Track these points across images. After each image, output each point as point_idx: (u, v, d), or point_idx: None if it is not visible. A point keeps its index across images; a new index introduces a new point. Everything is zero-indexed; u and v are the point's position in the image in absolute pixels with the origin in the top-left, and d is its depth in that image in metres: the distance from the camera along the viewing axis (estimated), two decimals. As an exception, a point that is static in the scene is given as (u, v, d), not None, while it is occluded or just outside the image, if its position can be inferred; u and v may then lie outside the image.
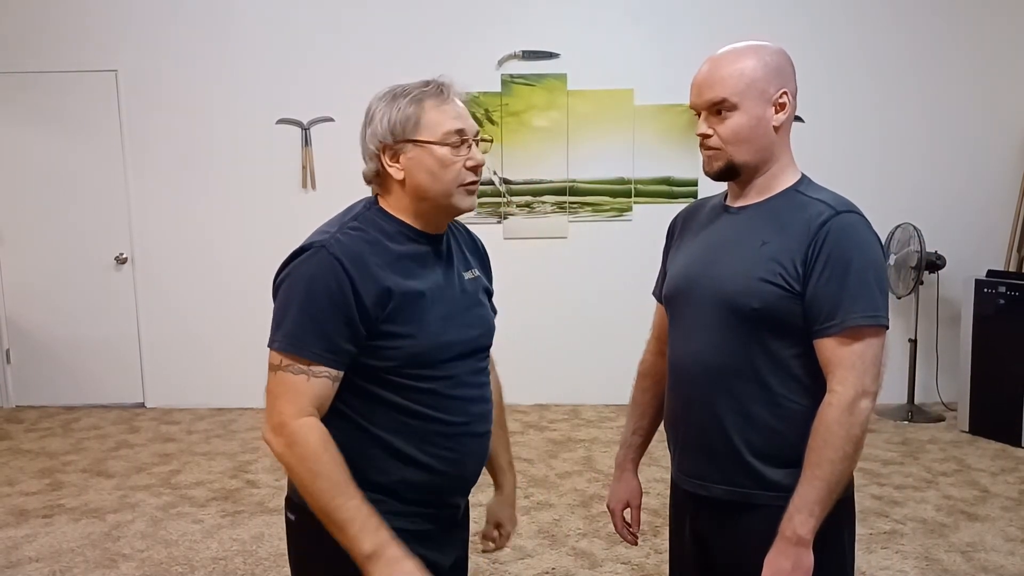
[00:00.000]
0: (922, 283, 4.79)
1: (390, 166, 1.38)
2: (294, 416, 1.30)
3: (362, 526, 1.29)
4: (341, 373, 1.34)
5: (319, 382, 1.32)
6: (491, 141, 1.45)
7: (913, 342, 4.90)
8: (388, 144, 1.37)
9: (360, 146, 1.43)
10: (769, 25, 4.85)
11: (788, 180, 1.45)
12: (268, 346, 1.34)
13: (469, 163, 1.39)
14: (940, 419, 4.80)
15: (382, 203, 1.44)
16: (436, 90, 1.37)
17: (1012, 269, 4.94)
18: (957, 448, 4.31)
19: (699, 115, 1.44)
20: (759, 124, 1.39)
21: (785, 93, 1.40)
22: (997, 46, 4.98)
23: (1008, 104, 5.02)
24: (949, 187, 5.06)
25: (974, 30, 4.97)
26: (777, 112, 1.40)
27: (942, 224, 4.96)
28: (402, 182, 1.38)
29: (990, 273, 4.54)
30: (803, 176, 1.47)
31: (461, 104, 1.41)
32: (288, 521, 1.47)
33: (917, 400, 4.96)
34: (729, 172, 1.44)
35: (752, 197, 1.46)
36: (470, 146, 1.39)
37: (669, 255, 1.63)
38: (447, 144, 1.36)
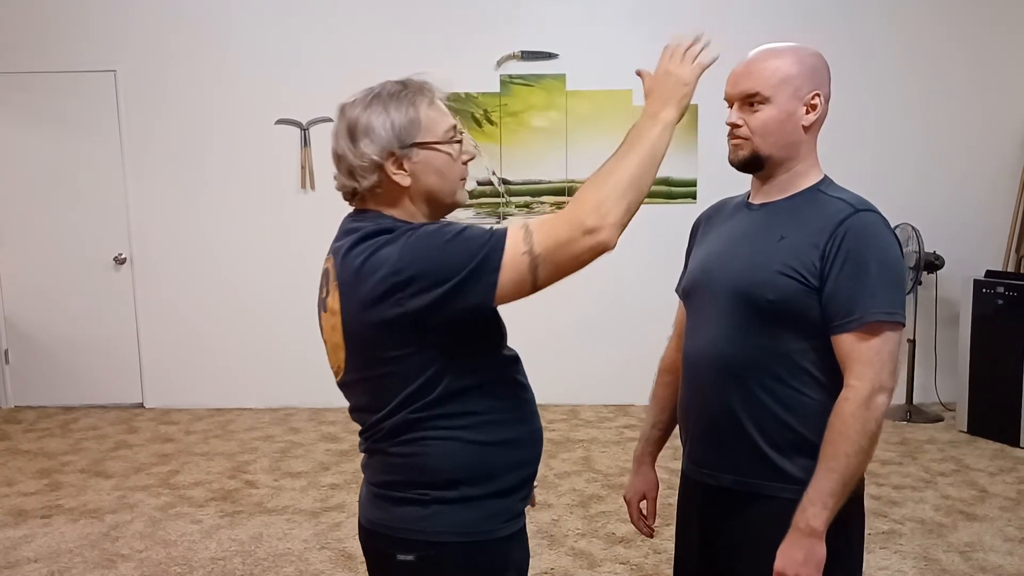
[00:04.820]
0: (921, 283, 4.79)
1: (395, 174, 1.31)
2: None
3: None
4: None
5: None
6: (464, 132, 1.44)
7: (912, 342, 4.90)
8: (393, 151, 1.31)
9: (340, 163, 1.36)
10: (766, 25, 4.86)
11: (811, 180, 1.48)
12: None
13: (464, 157, 1.38)
14: (939, 419, 4.80)
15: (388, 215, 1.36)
16: (420, 89, 1.34)
17: (1011, 269, 4.94)
18: (955, 448, 4.32)
19: (731, 105, 1.48)
20: (788, 120, 1.43)
21: (818, 95, 1.43)
22: (995, 45, 4.99)
23: (1006, 104, 5.02)
24: (947, 187, 5.07)
25: (972, 29, 4.97)
26: (808, 112, 1.43)
27: (940, 224, 4.97)
28: (407, 189, 1.33)
29: (988, 273, 4.54)
30: (825, 177, 1.49)
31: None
32: (400, 564, 1.34)
33: (916, 400, 4.97)
34: (753, 163, 1.46)
35: (774, 194, 1.49)
36: (460, 140, 1.38)
37: (691, 252, 1.66)
38: (450, 141, 1.34)
